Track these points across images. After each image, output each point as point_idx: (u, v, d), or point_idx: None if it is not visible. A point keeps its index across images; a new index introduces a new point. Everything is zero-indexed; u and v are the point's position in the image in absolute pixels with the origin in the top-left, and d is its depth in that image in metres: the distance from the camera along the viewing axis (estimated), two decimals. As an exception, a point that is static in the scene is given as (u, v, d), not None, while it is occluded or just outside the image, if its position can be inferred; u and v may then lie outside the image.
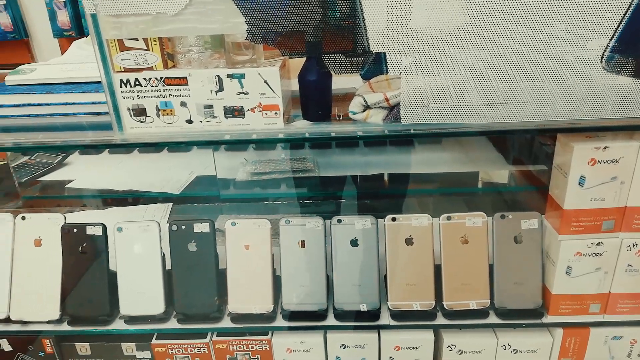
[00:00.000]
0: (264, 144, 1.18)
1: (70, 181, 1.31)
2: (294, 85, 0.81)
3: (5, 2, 1.88)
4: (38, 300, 0.89)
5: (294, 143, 1.20)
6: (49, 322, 0.89)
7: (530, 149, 1.21)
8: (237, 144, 1.18)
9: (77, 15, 1.92)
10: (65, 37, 1.95)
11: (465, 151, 1.31)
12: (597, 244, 0.82)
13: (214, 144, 1.11)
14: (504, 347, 0.91)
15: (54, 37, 1.98)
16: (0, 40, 1.95)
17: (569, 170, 0.78)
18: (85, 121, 0.82)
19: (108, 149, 1.38)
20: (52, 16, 1.93)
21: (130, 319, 0.89)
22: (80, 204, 1.34)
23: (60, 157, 1.39)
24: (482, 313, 0.88)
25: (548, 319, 0.88)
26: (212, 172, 1.32)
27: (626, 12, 0.66)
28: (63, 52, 2.04)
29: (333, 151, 1.37)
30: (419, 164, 1.31)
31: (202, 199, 1.32)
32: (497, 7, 0.65)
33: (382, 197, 1.31)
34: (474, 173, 1.31)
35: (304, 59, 0.77)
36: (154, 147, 1.24)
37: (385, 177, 1.31)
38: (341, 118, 0.80)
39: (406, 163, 1.33)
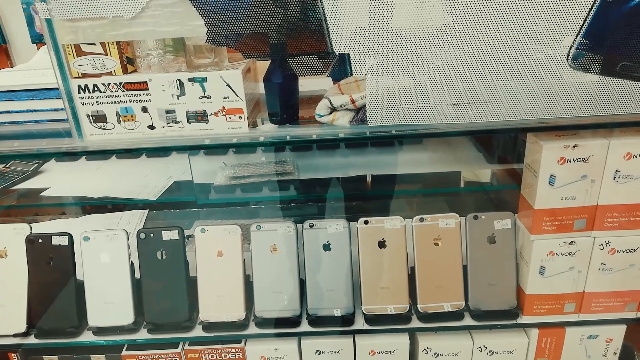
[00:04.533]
0: (220, 148, 1.17)
1: (45, 189, 1.28)
2: (262, 88, 0.80)
3: (-20, 8, 1.85)
4: (3, 313, 0.87)
5: (258, 147, 1.20)
6: (15, 335, 0.87)
7: (513, 147, 1.20)
8: (195, 149, 1.16)
9: (53, 21, 1.90)
10: (44, 42, 1.92)
11: (446, 151, 1.30)
12: (569, 243, 0.81)
13: (175, 150, 1.10)
14: (479, 349, 0.90)
15: (32, 43, 1.96)
16: (-23, 47, 1.92)
17: (538, 169, 0.77)
18: (47, 128, 0.80)
19: (85, 156, 1.36)
20: (30, 22, 1.90)
21: (99, 330, 0.87)
22: (58, 212, 1.32)
23: (36, 164, 1.36)
24: (457, 315, 0.87)
25: (523, 319, 0.87)
26: (190, 177, 1.30)
27: (590, 9, 0.65)
28: (40, 58, 2.02)
29: (314, 153, 1.36)
30: (400, 164, 1.30)
31: (180, 205, 1.30)
32: (461, 7, 0.64)
33: (364, 198, 1.30)
34: (456, 173, 1.30)
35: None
36: (114, 154, 1.22)
37: (368, 179, 1.30)
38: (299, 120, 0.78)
39: (387, 164, 1.32)
